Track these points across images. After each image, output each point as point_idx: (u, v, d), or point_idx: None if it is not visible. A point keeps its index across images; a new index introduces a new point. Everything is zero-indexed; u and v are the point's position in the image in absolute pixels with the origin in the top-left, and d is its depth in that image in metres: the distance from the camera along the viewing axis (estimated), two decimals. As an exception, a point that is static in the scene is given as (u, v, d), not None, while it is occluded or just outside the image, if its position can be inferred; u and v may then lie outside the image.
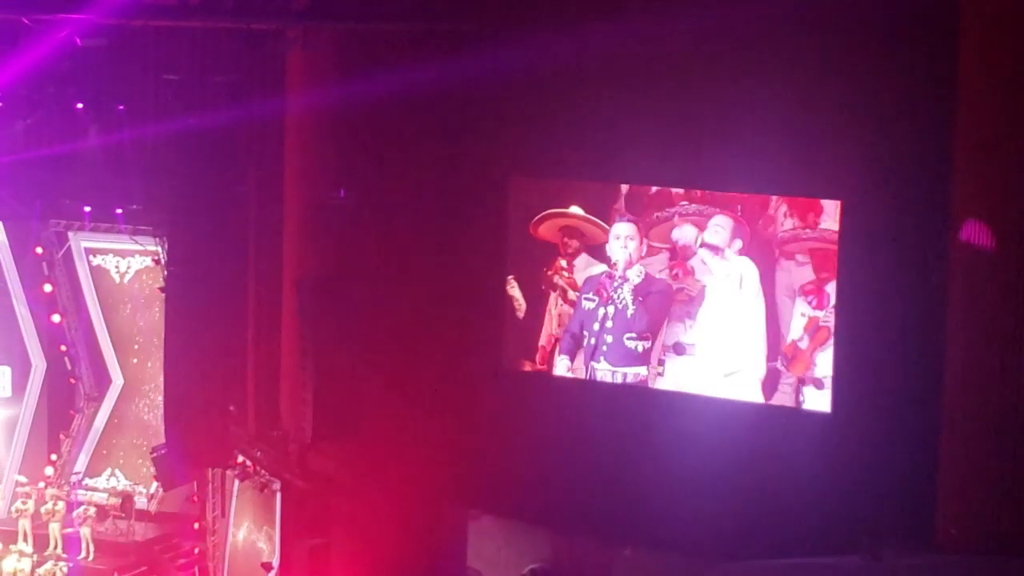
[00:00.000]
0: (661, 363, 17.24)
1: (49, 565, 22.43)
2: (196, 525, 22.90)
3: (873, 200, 15.56)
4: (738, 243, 16.63)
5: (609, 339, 17.55)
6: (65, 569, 22.30)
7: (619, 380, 17.49)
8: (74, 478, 24.92)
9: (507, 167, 18.09)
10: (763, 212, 16.49)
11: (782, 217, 16.39)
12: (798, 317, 16.33)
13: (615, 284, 17.48)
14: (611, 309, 17.52)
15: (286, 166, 19.36)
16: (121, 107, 21.55)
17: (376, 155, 18.84)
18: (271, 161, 19.78)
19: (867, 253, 15.69)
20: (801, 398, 16.39)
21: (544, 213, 17.89)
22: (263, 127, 19.86)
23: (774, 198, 16.36)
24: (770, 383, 16.58)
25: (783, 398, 16.50)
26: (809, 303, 16.25)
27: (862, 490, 15.42)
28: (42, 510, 23.64)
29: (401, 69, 17.68)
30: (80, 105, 21.31)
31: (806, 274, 16.25)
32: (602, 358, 17.60)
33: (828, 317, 16.09)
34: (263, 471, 19.99)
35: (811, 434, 16.12)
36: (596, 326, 17.63)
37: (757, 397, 16.66)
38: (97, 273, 25.05)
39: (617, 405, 17.56)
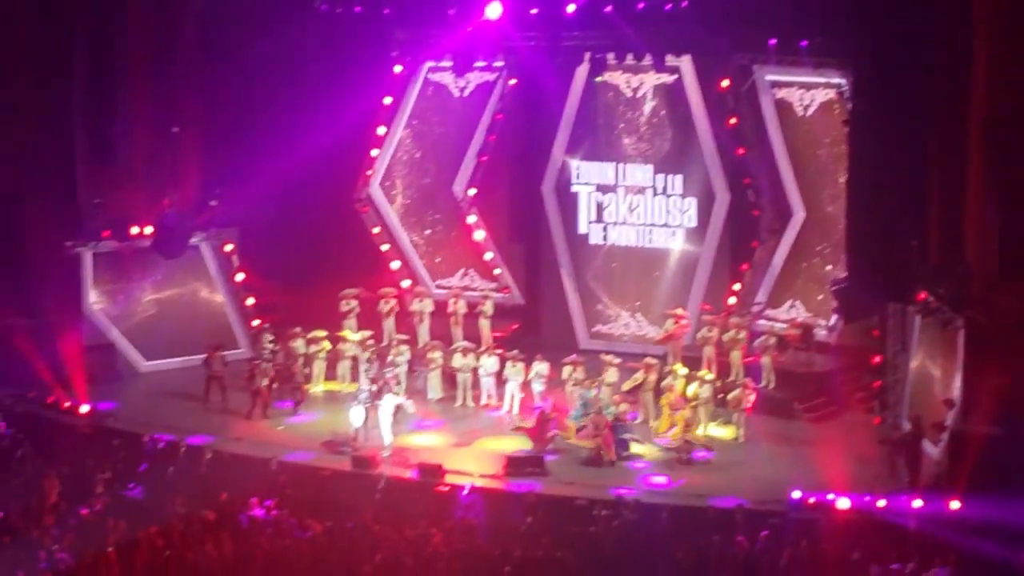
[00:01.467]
0: None
1: (736, 392, 23.01)
2: (877, 359, 22.76)
3: None
4: None
5: None
6: (750, 398, 22.81)
7: None
8: (756, 308, 25.49)
9: None
10: None
11: None
12: None
13: None
14: None
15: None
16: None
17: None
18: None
19: None
20: None
21: None
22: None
23: None
24: None
25: None
26: None
27: None
28: (724, 338, 24.34)
29: None
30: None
31: None
32: None
33: None
34: (945, 307, 19.58)
35: None
36: None
37: None
38: (781, 106, 25.22)
39: None
